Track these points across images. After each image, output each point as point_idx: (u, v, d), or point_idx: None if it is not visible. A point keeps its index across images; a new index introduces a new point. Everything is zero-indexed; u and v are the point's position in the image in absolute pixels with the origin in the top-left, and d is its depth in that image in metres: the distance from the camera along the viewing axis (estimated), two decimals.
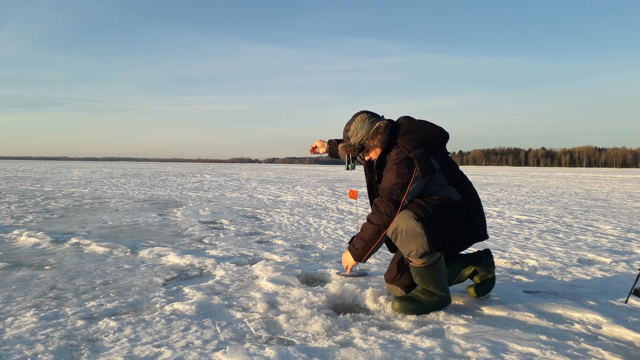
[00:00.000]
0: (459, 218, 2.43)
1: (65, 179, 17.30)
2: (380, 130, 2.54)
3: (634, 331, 2.19)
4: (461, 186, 2.52)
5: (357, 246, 2.50)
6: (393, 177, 2.40)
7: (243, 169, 44.52)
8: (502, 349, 1.97)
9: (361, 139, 2.57)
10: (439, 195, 2.45)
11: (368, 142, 2.57)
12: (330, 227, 5.71)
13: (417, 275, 2.47)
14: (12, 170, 28.24)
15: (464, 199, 2.48)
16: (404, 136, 2.48)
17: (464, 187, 2.53)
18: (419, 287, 2.50)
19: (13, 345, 1.97)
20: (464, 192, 2.51)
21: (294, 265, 3.50)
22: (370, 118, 2.58)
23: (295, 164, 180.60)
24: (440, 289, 2.46)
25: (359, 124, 2.58)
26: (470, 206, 2.51)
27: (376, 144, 2.56)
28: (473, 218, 2.50)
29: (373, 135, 2.54)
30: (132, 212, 7.17)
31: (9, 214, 6.57)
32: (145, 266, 3.48)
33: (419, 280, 2.48)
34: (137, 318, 2.31)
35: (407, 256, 2.42)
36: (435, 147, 2.49)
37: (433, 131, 2.53)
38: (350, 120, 2.63)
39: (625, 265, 3.72)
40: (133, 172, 28.41)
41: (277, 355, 1.85)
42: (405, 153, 2.41)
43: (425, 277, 2.45)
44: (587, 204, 9.66)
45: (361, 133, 2.57)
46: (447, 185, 2.47)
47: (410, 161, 2.38)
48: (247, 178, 21.25)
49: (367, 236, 2.44)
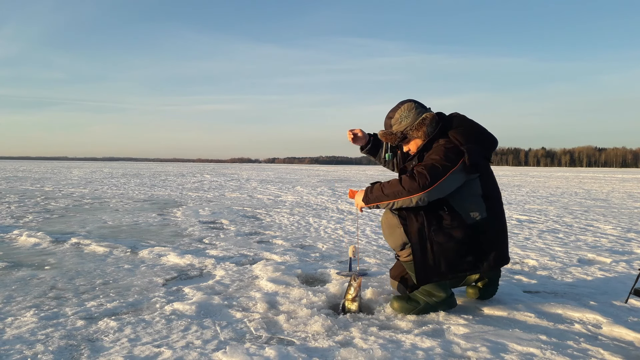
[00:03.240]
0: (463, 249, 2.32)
1: (65, 179, 17.30)
2: (426, 122, 2.41)
3: (634, 331, 2.19)
4: (492, 202, 2.40)
5: (374, 192, 2.37)
6: (438, 157, 2.27)
7: (243, 169, 44.53)
8: (502, 349, 1.97)
9: (404, 128, 2.45)
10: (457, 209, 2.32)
11: (411, 132, 2.44)
12: (330, 227, 5.70)
13: (410, 271, 2.45)
14: (12, 170, 28.24)
15: (489, 220, 2.35)
16: (456, 129, 2.36)
17: (494, 205, 2.41)
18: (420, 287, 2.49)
19: (13, 345, 1.97)
20: (493, 211, 2.39)
21: (294, 265, 3.50)
22: (417, 108, 2.47)
23: (295, 164, 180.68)
24: (438, 290, 2.43)
25: (404, 112, 2.46)
26: (493, 229, 2.38)
27: (420, 135, 2.43)
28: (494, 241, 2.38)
29: (418, 126, 2.42)
30: (132, 212, 7.17)
31: (9, 214, 6.57)
32: (145, 266, 3.48)
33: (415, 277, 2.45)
34: (137, 318, 2.31)
35: (395, 250, 2.44)
36: (485, 150, 2.39)
37: (487, 133, 2.44)
38: (395, 108, 2.50)
39: (625, 265, 3.72)
40: (133, 172, 28.41)
41: (277, 355, 1.85)
42: (456, 144, 2.29)
43: None
44: (587, 204, 9.66)
45: (405, 122, 2.45)
46: (480, 197, 2.36)
47: (460, 152, 2.27)
48: (247, 178, 21.25)
49: (388, 190, 2.31)
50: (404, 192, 2.25)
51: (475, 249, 2.34)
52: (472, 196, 2.35)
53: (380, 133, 2.59)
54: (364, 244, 4.56)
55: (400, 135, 2.48)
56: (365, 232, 5.34)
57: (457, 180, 2.28)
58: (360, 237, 4.93)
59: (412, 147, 2.52)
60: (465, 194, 2.34)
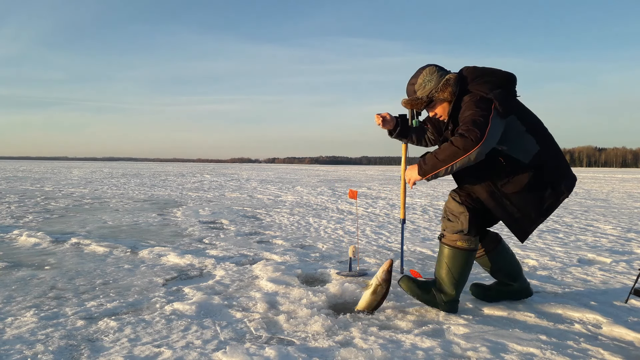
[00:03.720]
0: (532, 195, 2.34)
1: (65, 179, 17.30)
2: (450, 82, 2.42)
3: (634, 331, 2.19)
4: (538, 133, 2.39)
5: (428, 162, 2.33)
6: (473, 111, 2.26)
7: (243, 169, 44.53)
8: (502, 349, 1.98)
9: (429, 91, 2.45)
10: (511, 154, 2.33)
11: (437, 94, 2.44)
12: (330, 227, 5.70)
13: (444, 258, 2.45)
14: (12, 170, 28.24)
15: (543, 151, 2.36)
16: (474, 82, 2.37)
17: (541, 135, 2.40)
18: (435, 275, 2.50)
19: (13, 345, 1.97)
20: (543, 142, 2.39)
21: (294, 265, 3.50)
22: (438, 71, 2.46)
23: (295, 164, 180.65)
24: (454, 286, 2.44)
25: (427, 76, 2.46)
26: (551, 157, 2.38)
27: (446, 96, 2.43)
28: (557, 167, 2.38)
29: (443, 87, 2.42)
30: (132, 212, 7.17)
31: (9, 214, 6.57)
32: (145, 266, 3.48)
33: (441, 266, 2.45)
34: (137, 318, 2.31)
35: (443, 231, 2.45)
36: (508, 89, 2.36)
37: (501, 73, 2.41)
38: (416, 74, 2.50)
39: (625, 265, 3.72)
40: (133, 172, 28.41)
41: (277, 355, 1.85)
42: (482, 95, 2.29)
43: (451, 263, 2.42)
44: (587, 204, 9.66)
45: (429, 86, 2.44)
46: (526, 132, 2.36)
47: (488, 100, 2.27)
48: (247, 178, 21.25)
49: (442, 155, 2.27)
50: (460, 151, 2.21)
51: (546, 182, 2.36)
52: (518, 136, 2.35)
53: (404, 101, 2.57)
54: (364, 244, 4.56)
55: (426, 99, 2.47)
56: (365, 232, 5.34)
57: (498, 126, 2.27)
58: (360, 237, 4.93)
59: (438, 111, 2.51)
60: (512, 137, 2.34)
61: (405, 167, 3.29)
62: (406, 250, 4.19)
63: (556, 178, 2.38)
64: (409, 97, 2.54)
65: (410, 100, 2.53)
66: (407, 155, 3.33)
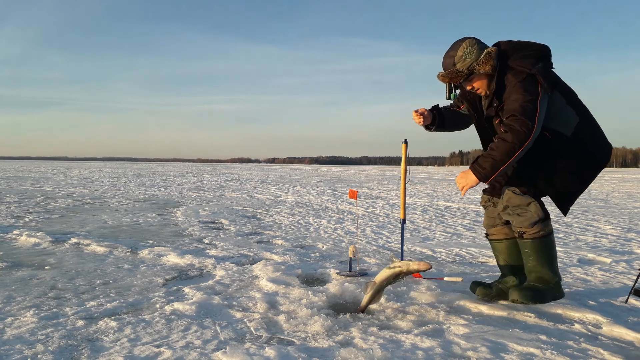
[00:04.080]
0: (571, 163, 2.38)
1: (65, 179, 17.31)
2: (492, 55, 2.37)
3: (634, 331, 2.19)
4: (575, 104, 2.41)
5: (485, 165, 2.30)
6: (520, 96, 2.25)
7: (243, 169, 44.53)
8: (502, 349, 1.97)
9: (470, 64, 2.39)
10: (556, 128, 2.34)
11: (479, 67, 2.38)
12: (330, 227, 5.70)
13: (532, 251, 2.43)
14: (12, 170, 28.24)
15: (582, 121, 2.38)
16: (513, 56, 2.35)
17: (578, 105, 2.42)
18: (531, 275, 2.46)
19: (13, 345, 1.97)
20: (582, 113, 2.41)
21: (294, 265, 3.50)
22: (478, 44, 2.41)
23: (295, 164, 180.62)
24: (553, 272, 2.43)
25: (467, 48, 2.39)
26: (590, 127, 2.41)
27: (487, 70, 2.38)
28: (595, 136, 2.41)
29: (485, 60, 2.37)
30: (132, 212, 7.17)
31: (9, 214, 6.57)
32: (145, 266, 3.48)
33: (533, 260, 2.43)
34: (137, 318, 2.31)
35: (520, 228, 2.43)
36: (547, 61, 2.38)
37: (539, 46, 2.40)
38: (455, 46, 2.43)
39: (625, 265, 3.72)
40: (133, 172, 28.41)
41: (277, 355, 1.85)
42: (525, 71, 2.28)
43: (541, 253, 2.41)
44: (587, 204, 9.66)
45: (470, 58, 2.38)
46: (566, 104, 2.37)
47: (533, 77, 2.26)
48: (247, 178, 21.25)
49: (499, 155, 2.25)
50: (517, 145, 2.22)
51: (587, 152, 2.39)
52: (560, 109, 2.37)
53: (442, 74, 2.48)
54: (364, 244, 4.56)
55: (467, 71, 2.40)
56: (365, 232, 5.34)
57: (545, 105, 2.28)
58: (360, 237, 4.93)
59: (476, 84, 2.46)
60: (555, 110, 2.35)
61: (406, 167, 3.29)
62: (406, 250, 4.19)
63: (595, 147, 2.42)
64: (448, 70, 2.45)
65: (449, 73, 2.45)
66: (407, 155, 3.33)
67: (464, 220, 6.70)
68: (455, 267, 3.66)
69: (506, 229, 2.63)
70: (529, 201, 2.40)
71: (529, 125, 2.20)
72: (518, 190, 2.41)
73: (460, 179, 2.42)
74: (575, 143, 2.37)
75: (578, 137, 2.37)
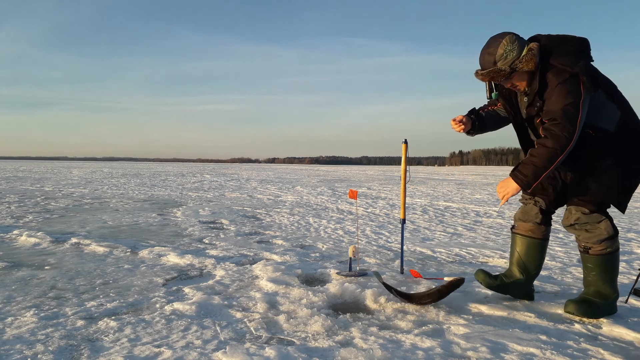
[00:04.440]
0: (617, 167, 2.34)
1: (65, 179, 17.30)
2: (534, 52, 2.30)
3: (634, 331, 2.19)
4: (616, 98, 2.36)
5: (526, 172, 2.26)
6: (562, 98, 2.21)
7: (243, 169, 44.53)
8: (502, 349, 1.98)
9: (511, 62, 2.30)
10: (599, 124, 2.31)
11: (521, 65, 2.31)
12: (330, 227, 5.70)
13: (595, 267, 2.41)
14: (12, 170, 28.24)
15: (624, 116, 2.34)
16: (554, 54, 2.29)
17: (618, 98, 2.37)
18: (590, 289, 2.45)
19: (13, 345, 1.97)
20: (623, 107, 2.36)
21: (294, 265, 3.50)
22: (518, 40, 2.33)
23: (295, 164, 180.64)
24: (614, 287, 2.42)
25: (508, 46, 2.30)
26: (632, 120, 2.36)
27: (531, 67, 2.31)
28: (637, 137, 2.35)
29: (528, 58, 2.30)
30: (132, 212, 7.17)
31: (9, 214, 6.57)
32: (145, 266, 3.49)
33: (595, 275, 2.42)
34: (137, 318, 2.31)
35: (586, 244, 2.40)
36: (587, 56, 2.32)
37: (579, 39, 2.34)
38: (494, 43, 2.34)
39: (625, 265, 3.72)
40: (133, 172, 28.41)
41: (277, 355, 1.85)
42: (568, 70, 2.23)
43: (604, 269, 2.39)
44: None
45: (511, 56, 2.30)
46: (607, 100, 2.33)
47: (575, 77, 2.21)
48: (247, 178, 21.25)
49: (541, 161, 2.21)
50: (558, 150, 2.19)
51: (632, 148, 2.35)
52: (602, 105, 2.33)
53: (482, 73, 2.39)
54: (364, 244, 4.56)
55: (509, 69, 2.32)
56: (365, 232, 5.34)
57: (587, 106, 2.24)
58: (360, 237, 4.93)
59: (516, 81, 2.39)
60: (597, 107, 2.32)
61: (406, 167, 3.29)
62: (406, 250, 4.19)
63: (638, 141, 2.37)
64: (488, 69, 2.35)
65: (489, 72, 2.35)
66: (407, 155, 3.33)
67: (464, 220, 6.70)
68: (455, 267, 3.66)
69: (534, 228, 2.61)
70: (600, 219, 2.37)
71: (570, 130, 2.17)
72: (587, 209, 2.38)
73: (500, 188, 2.37)
74: (620, 138, 2.33)
75: (622, 132, 2.33)
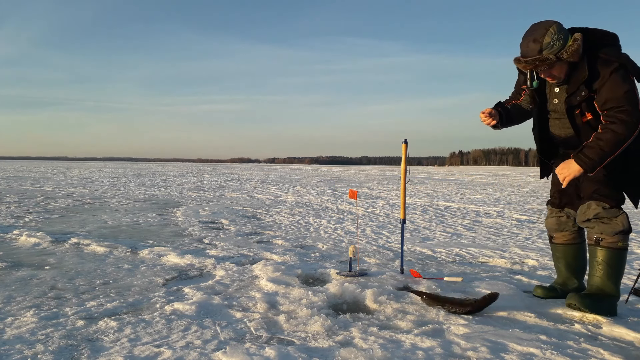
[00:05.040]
0: None
1: (65, 179, 17.30)
2: (579, 42, 2.29)
3: (634, 331, 2.19)
4: None
5: (592, 156, 2.24)
6: (619, 87, 2.22)
7: (243, 169, 44.53)
8: (502, 349, 1.98)
9: (557, 51, 2.27)
10: None
11: (567, 55, 2.28)
12: (330, 227, 5.71)
13: (603, 260, 2.43)
14: (12, 170, 28.24)
15: None
16: (597, 44, 2.31)
17: None
18: (593, 286, 2.48)
19: (13, 345, 1.97)
20: None
21: (294, 265, 3.50)
22: (564, 29, 2.31)
23: (295, 164, 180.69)
24: (616, 288, 2.46)
25: (554, 35, 2.26)
26: None
27: (575, 58, 2.30)
28: None
29: (575, 48, 2.27)
30: (132, 212, 7.17)
31: (9, 214, 6.57)
32: (145, 266, 3.49)
33: (601, 270, 2.44)
34: (137, 318, 2.31)
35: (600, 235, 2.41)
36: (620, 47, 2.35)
37: (612, 34, 2.36)
38: (539, 30, 2.29)
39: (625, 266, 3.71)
40: (133, 172, 28.41)
41: (277, 355, 1.85)
42: (614, 61, 2.25)
43: (612, 264, 2.41)
44: None
45: (557, 45, 2.26)
46: None
47: (624, 67, 2.24)
48: (247, 178, 21.25)
49: (607, 146, 2.21)
50: (626, 135, 2.20)
51: None
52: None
53: (526, 60, 2.33)
54: (364, 244, 4.56)
55: (555, 59, 2.28)
56: (365, 232, 5.34)
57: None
58: (360, 237, 4.93)
59: (555, 71, 2.36)
60: None
61: (406, 167, 3.28)
62: (406, 250, 4.19)
63: None
64: (534, 57, 2.30)
65: (534, 60, 2.30)
66: (407, 155, 3.33)
67: (464, 220, 6.70)
68: (455, 267, 3.66)
69: (574, 234, 2.69)
70: (618, 213, 2.40)
71: (637, 115, 2.20)
72: (607, 205, 2.40)
73: (561, 169, 2.35)
74: None
75: None
